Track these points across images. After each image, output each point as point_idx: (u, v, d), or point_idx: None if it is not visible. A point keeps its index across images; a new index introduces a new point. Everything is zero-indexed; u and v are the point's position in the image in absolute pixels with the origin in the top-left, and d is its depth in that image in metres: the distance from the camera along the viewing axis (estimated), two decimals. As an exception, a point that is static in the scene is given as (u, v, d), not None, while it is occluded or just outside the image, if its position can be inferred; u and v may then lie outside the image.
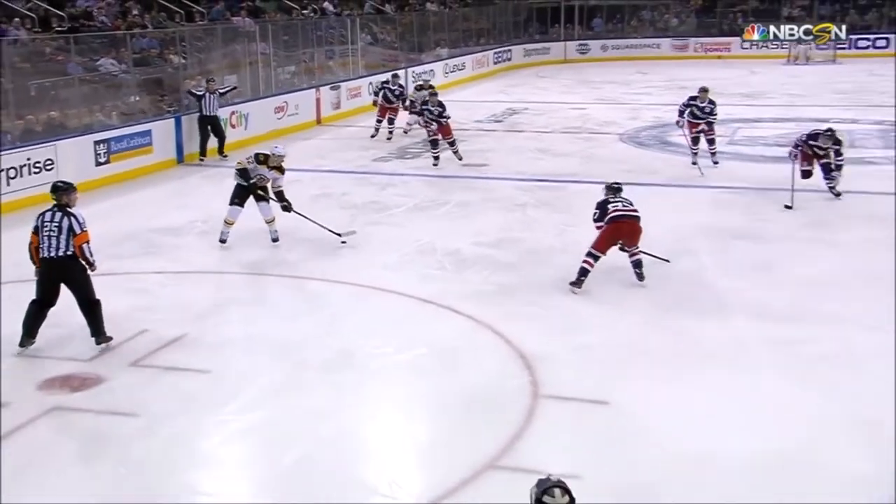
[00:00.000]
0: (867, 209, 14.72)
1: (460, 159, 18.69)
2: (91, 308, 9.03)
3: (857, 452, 7.64)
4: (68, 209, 8.89)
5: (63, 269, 8.86)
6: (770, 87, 31.90)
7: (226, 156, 19.26)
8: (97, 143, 16.86)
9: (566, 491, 4.67)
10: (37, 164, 15.44)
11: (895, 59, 36.52)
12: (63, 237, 8.68)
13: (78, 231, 8.77)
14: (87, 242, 8.94)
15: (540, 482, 4.79)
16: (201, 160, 19.08)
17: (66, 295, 9.22)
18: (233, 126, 20.19)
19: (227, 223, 12.93)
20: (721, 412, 8.35)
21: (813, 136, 15.37)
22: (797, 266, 12.32)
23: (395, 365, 9.37)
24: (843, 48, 40.39)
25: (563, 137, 22.48)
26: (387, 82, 22.57)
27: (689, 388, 8.84)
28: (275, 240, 13.03)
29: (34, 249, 8.86)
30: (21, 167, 15.12)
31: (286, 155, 13.10)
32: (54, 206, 8.93)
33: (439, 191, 16.41)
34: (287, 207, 13.15)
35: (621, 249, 11.24)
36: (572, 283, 11.00)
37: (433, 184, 16.78)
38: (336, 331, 10.22)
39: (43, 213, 8.90)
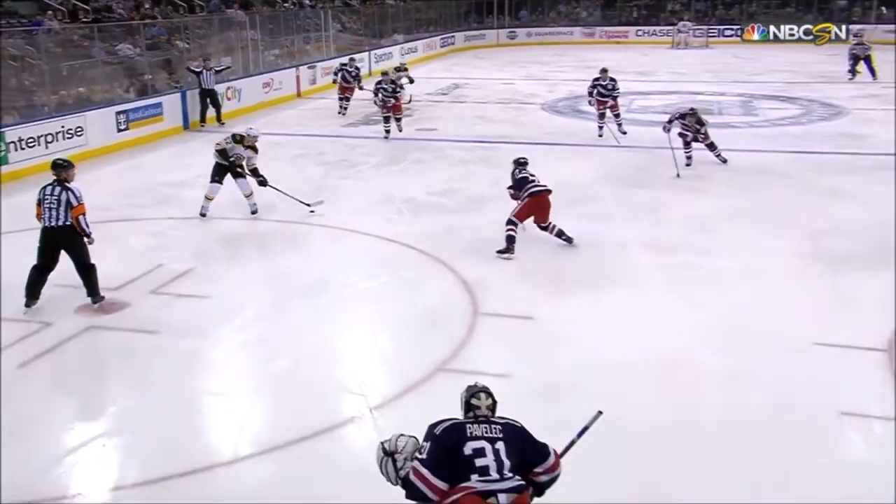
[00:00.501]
0: (731, 163, 14.83)
1: (400, 130, 17.96)
2: (87, 271, 8.50)
3: (725, 351, 7.89)
4: (67, 184, 8.34)
5: (62, 238, 8.29)
6: (658, 67, 31.97)
7: (223, 123, 19.10)
8: (118, 113, 16.69)
9: (489, 394, 4.74)
10: (69, 131, 15.27)
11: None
12: (62, 209, 8.18)
13: (75, 204, 8.24)
14: (84, 214, 8.35)
15: (468, 388, 4.83)
16: (202, 126, 18.89)
17: (109, 234, 9.12)
18: (228, 99, 20.02)
19: (207, 198, 11.85)
20: (622, 323, 8.52)
21: (681, 116, 14.83)
22: (679, 208, 12.45)
23: (362, 290, 9.43)
24: (714, 36, 40.55)
25: (496, 107, 22.43)
26: (345, 65, 21.51)
27: (596, 305, 9.01)
28: (254, 212, 11.94)
29: (38, 218, 8.40)
30: (56, 133, 14.95)
31: (259, 136, 12.00)
32: (54, 180, 8.36)
33: (398, 151, 16.37)
34: (263, 182, 12.00)
35: (535, 223, 10.65)
36: (501, 251, 10.26)
37: (393, 145, 16.73)
38: (314, 264, 10.25)
39: (44, 187, 8.38)
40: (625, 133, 17.58)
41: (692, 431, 6.60)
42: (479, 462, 4.32)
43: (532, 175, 10.58)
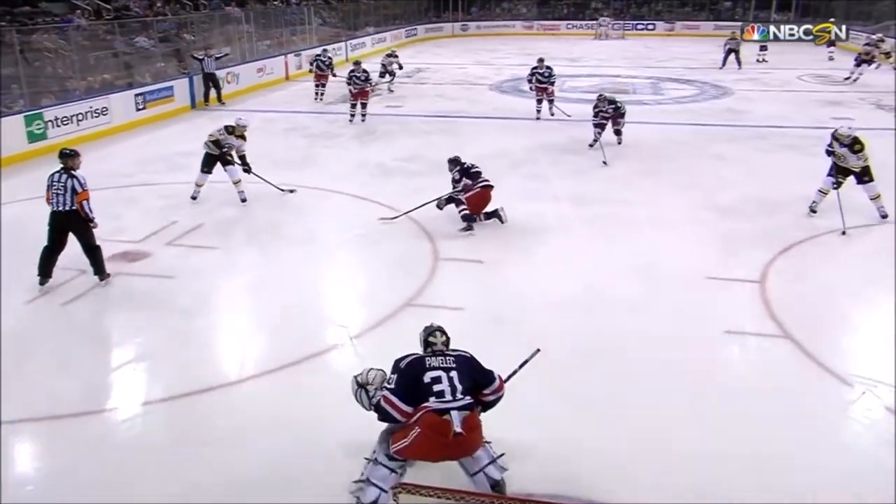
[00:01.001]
0: (643, 134, 14.88)
1: (363, 119, 16.73)
2: (92, 252, 7.82)
3: (636, 283, 8.05)
4: (72, 172, 7.59)
5: (68, 221, 7.58)
6: (584, 54, 31.83)
7: (223, 102, 18.77)
8: (136, 95, 16.37)
9: (443, 332, 4.87)
10: (96, 111, 14.96)
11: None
12: (67, 195, 7.48)
13: (79, 190, 7.51)
14: (87, 200, 7.58)
15: (426, 328, 4.92)
16: (206, 105, 18.56)
17: (131, 196, 9.07)
18: (228, 82, 19.65)
19: (198, 185, 10.73)
20: (555, 263, 8.65)
21: (595, 107, 13.82)
22: (600, 170, 12.52)
23: (343, 240, 9.39)
24: (629, 30, 40.38)
25: (452, 87, 22.25)
26: (319, 55, 20.35)
27: (534, 249, 9.09)
28: (243, 200, 10.67)
29: (48, 202, 7.70)
30: (85, 113, 14.65)
31: (248, 125, 10.82)
32: (61, 168, 7.60)
33: (370, 125, 16.21)
34: (248, 170, 10.76)
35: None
36: (463, 230, 9.52)
37: (367, 120, 16.56)
38: (303, 218, 10.18)
39: (52, 174, 7.62)
40: (553, 115, 16.95)
41: (610, 349, 6.75)
42: (436, 388, 4.45)
43: (479, 170, 9.93)
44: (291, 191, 11.16)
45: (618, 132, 14.10)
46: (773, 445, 5.40)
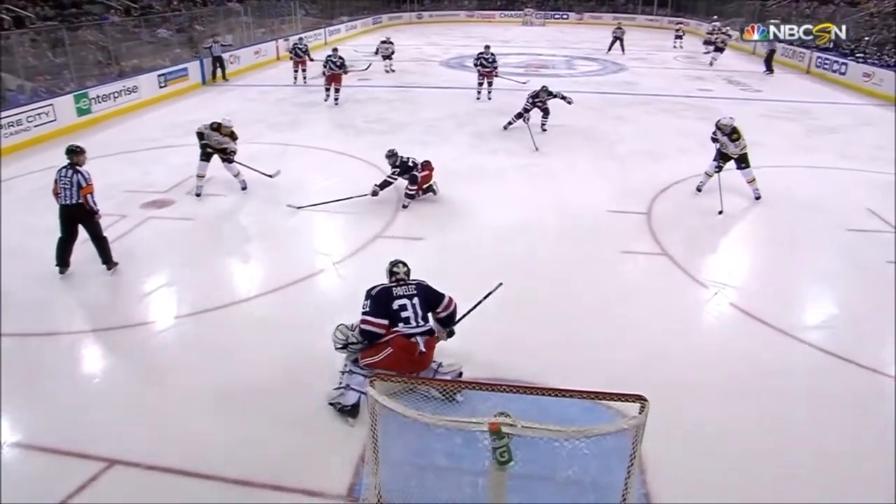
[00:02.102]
0: (562, 105, 14.85)
1: (336, 101, 14.76)
2: (99, 243, 6.74)
3: (557, 218, 8.10)
4: (78, 167, 6.52)
5: (76, 214, 6.52)
6: (514, 37, 31.18)
7: (227, 79, 18.11)
8: (159, 76, 15.72)
9: (404, 264, 4.87)
10: (128, 89, 14.37)
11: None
12: (73, 189, 6.44)
13: (84, 185, 6.45)
14: (91, 194, 6.47)
15: (390, 262, 4.89)
16: (214, 82, 17.89)
17: (158, 156, 8.83)
18: (231, 63, 18.88)
19: (199, 177, 8.89)
20: (494, 203, 8.62)
21: (535, 94, 11.82)
22: (527, 130, 12.50)
23: (324, 187, 9.20)
24: (549, 18, 39.61)
25: (410, 63, 21.72)
26: (297, 43, 18.30)
27: (478, 191, 9.05)
28: (244, 188, 9.08)
29: (56, 195, 6.54)
30: (120, 91, 14.06)
31: (233, 125, 8.93)
32: (68, 164, 6.54)
33: (345, 95, 15.78)
34: (230, 159, 8.88)
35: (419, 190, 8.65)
36: (406, 206, 8.40)
37: (341, 92, 16.12)
38: (290, 171, 9.90)
39: (59, 170, 6.54)
40: (490, 98, 15.26)
41: (537, 265, 6.90)
42: (403, 314, 4.50)
43: (410, 158, 8.65)
44: (277, 172, 9.38)
45: (546, 114, 12.17)
46: (652, 329, 5.67)
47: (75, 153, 6.63)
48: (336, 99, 14.84)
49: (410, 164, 8.54)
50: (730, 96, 16.17)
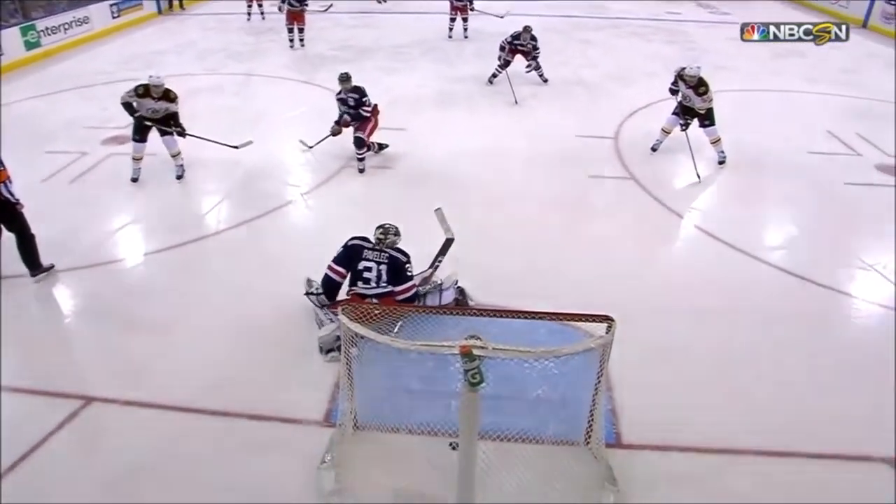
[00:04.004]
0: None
1: (301, 43, 12.89)
2: (24, 242, 5.31)
3: (524, 144, 8.01)
4: None
5: None
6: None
7: (184, 8, 17.19)
8: (111, 5, 14.75)
9: (394, 233, 4.64)
10: (79, 20, 13.44)
11: None
12: None
13: None
14: (5, 182, 5.04)
15: (379, 225, 4.68)
16: (171, 11, 16.94)
17: (116, 90, 8.35)
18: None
19: (136, 160, 7.09)
20: (463, 132, 8.46)
21: (516, 35, 9.94)
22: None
23: (291, 117, 9.01)
24: None
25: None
26: None
27: (447, 120, 8.90)
28: (179, 176, 7.20)
29: None
30: (70, 22, 13.18)
31: (163, 82, 6.80)
32: None
33: (308, 22, 14.96)
34: (182, 133, 7.03)
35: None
36: (363, 170, 7.33)
37: (305, 44, 15.41)
38: (256, 100, 9.67)
39: None
40: (467, 37, 13.27)
41: (505, 187, 6.90)
42: (365, 275, 4.54)
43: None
44: (248, 143, 7.57)
45: (537, 67, 10.33)
46: (618, 250, 5.76)
47: None
48: (301, 40, 12.88)
49: (366, 103, 7.39)
50: (699, 19, 15.87)
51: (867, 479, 3.71)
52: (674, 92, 7.52)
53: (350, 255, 4.59)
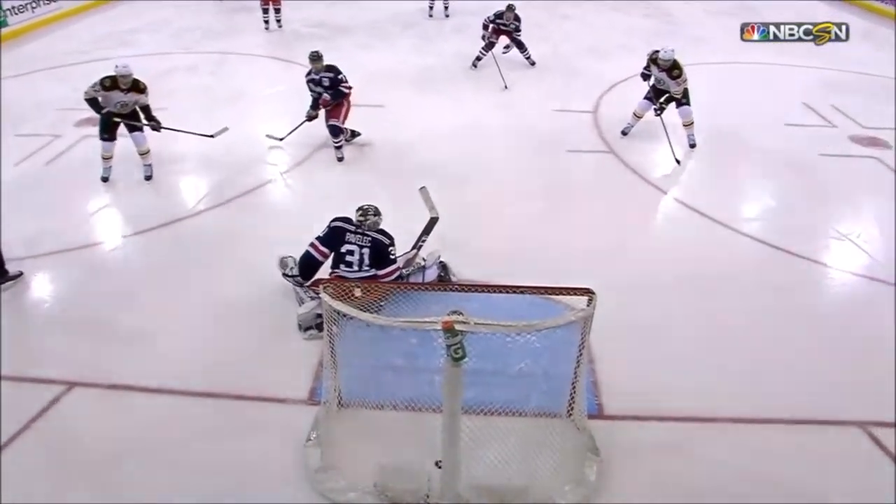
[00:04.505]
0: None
1: (279, 24, 12.09)
2: None
3: (501, 116, 7.97)
4: None
5: None
6: None
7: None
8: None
9: (374, 213, 4.54)
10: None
11: None
12: None
13: None
14: None
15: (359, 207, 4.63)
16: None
17: (90, 70, 8.13)
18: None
19: (105, 159, 6.56)
20: (441, 109, 8.39)
21: (498, 14, 9.49)
22: (477, 30, 11.97)
23: (269, 93, 8.88)
24: None
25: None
26: None
27: (424, 99, 8.79)
28: (147, 177, 6.63)
29: None
30: (38, 0, 12.76)
31: (130, 72, 6.23)
32: None
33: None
34: (156, 127, 6.48)
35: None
36: (342, 158, 6.98)
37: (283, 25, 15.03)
38: (234, 78, 9.50)
39: None
40: (448, 16, 12.88)
41: (485, 161, 6.91)
42: (347, 258, 4.47)
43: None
44: (224, 129, 7.05)
45: (522, 49, 9.86)
46: (597, 224, 5.80)
47: None
48: (278, 21, 12.16)
49: (344, 80, 6.98)
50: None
51: (840, 442, 3.81)
52: (646, 77, 7.32)
53: (334, 237, 4.52)
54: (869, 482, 3.59)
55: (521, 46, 9.85)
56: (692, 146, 7.36)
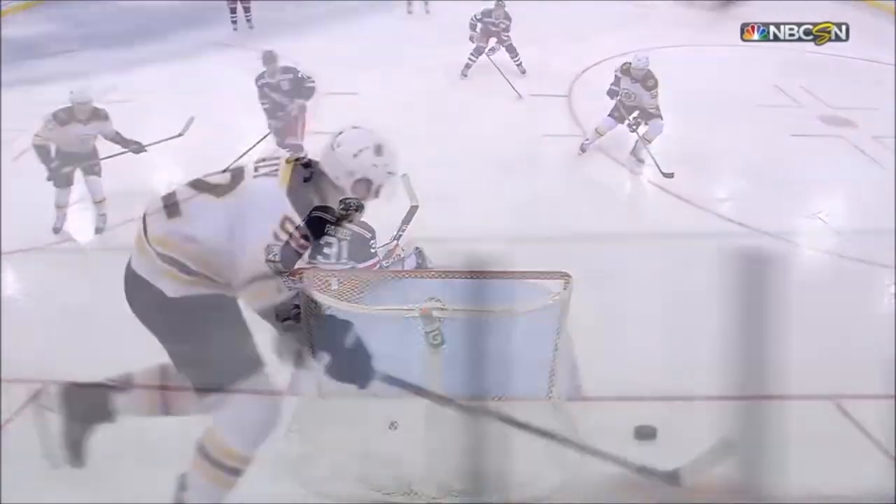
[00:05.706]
0: None
1: (249, 23, 11.20)
2: None
3: (475, 95, 7.98)
4: None
5: None
6: None
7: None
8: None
9: (357, 208, 4.29)
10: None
11: None
12: None
13: None
14: None
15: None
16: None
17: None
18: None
19: (60, 208, 5.65)
20: (412, 88, 8.28)
21: (486, 12, 8.72)
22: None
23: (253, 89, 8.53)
24: None
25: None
26: None
27: (399, 82, 8.67)
28: (99, 228, 5.73)
29: None
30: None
31: (90, 99, 5.44)
32: None
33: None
34: (137, 150, 5.78)
35: None
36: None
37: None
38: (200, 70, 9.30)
39: None
40: (428, 12, 12.15)
41: (452, 148, 6.85)
42: (325, 250, 4.39)
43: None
44: (181, 134, 6.29)
45: (511, 51, 9.00)
46: (571, 209, 5.84)
47: None
48: (248, 20, 11.10)
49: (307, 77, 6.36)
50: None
51: (813, 416, 3.87)
52: (614, 93, 6.60)
53: (311, 228, 4.44)
54: (840, 452, 3.66)
55: (511, 50, 8.90)
56: (641, 161, 6.68)
